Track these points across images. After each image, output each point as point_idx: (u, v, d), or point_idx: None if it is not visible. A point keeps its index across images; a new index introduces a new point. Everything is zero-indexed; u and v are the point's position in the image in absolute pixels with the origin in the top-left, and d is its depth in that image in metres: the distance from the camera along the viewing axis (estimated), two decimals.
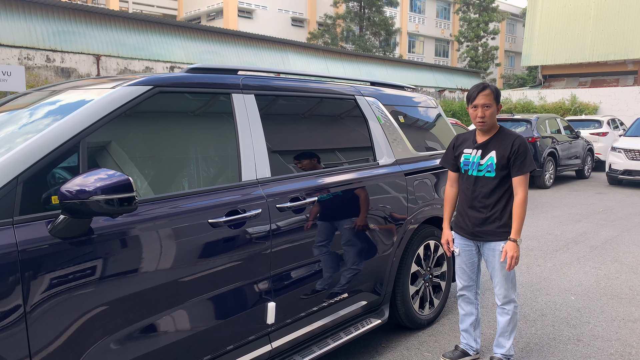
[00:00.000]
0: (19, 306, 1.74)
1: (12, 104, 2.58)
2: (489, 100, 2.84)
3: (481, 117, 2.87)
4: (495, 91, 2.88)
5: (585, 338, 3.63)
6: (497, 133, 2.96)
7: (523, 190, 2.88)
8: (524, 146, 2.88)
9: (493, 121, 2.91)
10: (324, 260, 2.89)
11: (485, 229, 2.96)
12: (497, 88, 2.90)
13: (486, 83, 2.92)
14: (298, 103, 3.07)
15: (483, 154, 2.94)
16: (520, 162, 2.86)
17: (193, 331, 2.27)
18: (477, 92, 2.87)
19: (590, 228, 7.30)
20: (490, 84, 2.91)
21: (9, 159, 1.84)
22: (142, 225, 2.09)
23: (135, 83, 2.31)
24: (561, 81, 28.73)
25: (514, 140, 2.89)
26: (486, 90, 2.86)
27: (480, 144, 2.97)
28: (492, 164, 2.90)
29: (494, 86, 2.89)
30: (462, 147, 3.05)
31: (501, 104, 2.93)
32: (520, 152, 2.86)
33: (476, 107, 2.87)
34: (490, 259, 3.00)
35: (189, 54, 18.13)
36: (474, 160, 2.96)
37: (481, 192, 2.96)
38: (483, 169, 2.93)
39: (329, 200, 2.93)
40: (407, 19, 43.29)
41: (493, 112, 2.87)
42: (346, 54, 25.06)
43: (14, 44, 14.02)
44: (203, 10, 36.74)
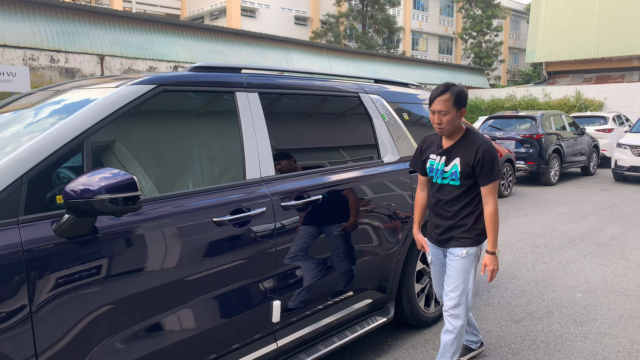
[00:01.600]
0: (25, 306, 1.74)
1: (17, 104, 2.58)
2: (445, 107, 2.61)
3: (437, 124, 2.67)
4: (456, 95, 2.62)
5: (593, 335, 3.61)
6: (462, 137, 2.73)
7: (493, 200, 2.69)
8: (489, 153, 2.66)
9: (453, 127, 2.68)
10: (328, 259, 2.89)
11: (449, 235, 2.81)
12: (460, 90, 2.65)
13: (447, 85, 2.66)
14: (302, 101, 3.06)
15: (447, 160, 2.75)
16: (486, 172, 2.66)
17: (198, 330, 2.27)
18: (434, 96, 2.65)
19: (596, 225, 7.26)
20: (453, 86, 2.65)
21: (14, 158, 1.84)
22: (146, 224, 2.09)
23: (139, 82, 2.31)
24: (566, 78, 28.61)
25: (478, 147, 2.67)
26: (444, 95, 2.62)
27: (445, 149, 2.77)
28: (456, 172, 2.71)
29: (457, 88, 2.65)
30: (429, 151, 2.86)
31: (465, 109, 2.69)
32: (486, 161, 2.65)
33: (433, 113, 2.67)
34: (448, 266, 2.82)
35: (192, 54, 18.15)
36: (438, 167, 2.78)
37: (445, 199, 2.79)
38: (447, 177, 2.75)
39: (333, 198, 2.92)
40: (410, 17, 43.16)
41: (452, 118, 2.64)
42: (349, 52, 25.04)
43: (19, 44, 14.08)
44: (206, 10, 36.75)
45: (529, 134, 11.23)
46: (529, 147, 11.18)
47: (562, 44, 27.90)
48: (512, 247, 6.08)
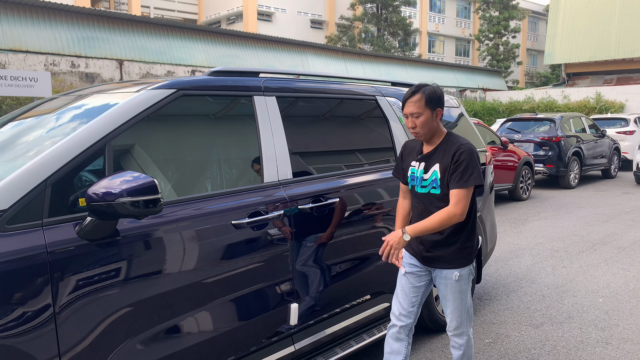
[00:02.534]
0: (49, 306, 1.77)
1: (40, 108, 2.64)
2: (417, 109, 2.39)
3: (412, 128, 2.44)
4: (428, 95, 2.40)
5: (614, 341, 3.55)
6: (442, 141, 2.48)
7: (454, 204, 2.34)
8: (467, 155, 2.37)
9: (429, 130, 2.43)
10: (345, 262, 2.89)
11: (437, 254, 2.49)
12: (433, 90, 2.43)
13: (419, 86, 2.45)
14: (319, 104, 3.07)
15: (426, 167, 2.49)
16: (458, 173, 2.36)
17: (216, 332, 2.28)
18: (405, 99, 2.44)
19: (618, 229, 7.13)
20: (424, 86, 2.44)
21: (38, 162, 1.88)
22: (166, 226, 2.11)
23: (159, 87, 2.34)
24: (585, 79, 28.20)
25: (457, 148, 2.40)
26: (415, 95, 2.41)
27: (424, 155, 2.51)
28: (436, 179, 2.44)
29: (429, 88, 2.44)
30: (409, 158, 2.60)
31: (440, 109, 2.44)
32: (460, 162, 2.36)
33: (407, 117, 2.45)
34: (442, 288, 2.54)
35: (209, 58, 18.32)
36: (418, 174, 2.52)
37: (429, 211, 2.47)
38: (427, 185, 2.48)
39: (350, 201, 2.92)
40: (426, 19, 43.01)
41: (426, 120, 2.40)
42: (365, 55, 25.02)
43: (40, 50, 14.36)
44: (223, 14, 37.09)
45: (548, 136, 11.09)
46: (548, 149, 11.04)
47: (582, 45, 27.51)
48: (531, 250, 6.01)
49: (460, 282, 2.50)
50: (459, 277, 2.49)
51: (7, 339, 1.68)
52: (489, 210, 4.19)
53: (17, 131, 2.38)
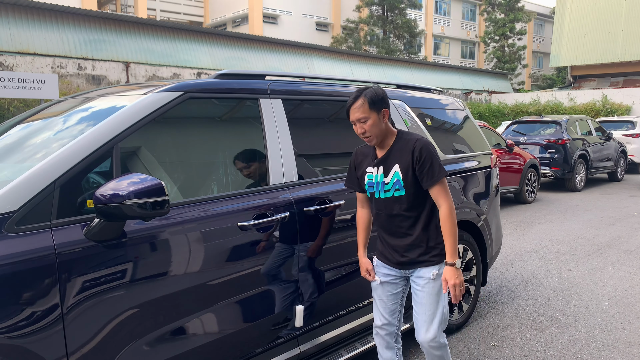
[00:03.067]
0: (57, 307, 1.79)
1: (48, 111, 2.66)
2: (362, 113, 2.32)
3: (362, 134, 2.37)
4: (370, 97, 2.33)
5: (621, 345, 3.53)
6: (395, 141, 2.43)
7: (445, 201, 2.35)
8: (426, 149, 2.35)
9: (379, 132, 2.37)
10: (350, 264, 2.89)
11: (411, 257, 2.43)
12: (374, 92, 2.36)
13: (359, 91, 2.38)
14: (324, 107, 3.08)
15: (385, 170, 2.42)
16: (427, 170, 2.34)
17: (222, 334, 2.29)
18: (348, 106, 2.38)
19: (624, 232, 7.10)
20: (365, 90, 2.37)
21: (47, 164, 1.90)
22: (173, 228, 2.12)
23: (166, 89, 2.36)
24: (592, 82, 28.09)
25: (414, 145, 2.36)
26: (357, 101, 2.34)
27: (380, 159, 2.44)
28: (399, 180, 2.38)
29: (370, 91, 2.36)
30: (364, 165, 2.52)
31: (386, 109, 2.38)
32: (424, 158, 2.33)
33: (354, 124, 2.38)
34: (417, 290, 2.43)
35: (215, 60, 18.39)
36: (378, 180, 2.44)
37: (395, 214, 2.43)
38: (390, 188, 2.41)
39: (355, 203, 2.92)
40: (432, 21, 42.99)
41: (374, 122, 2.34)
42: (371, 57, 25.04)
43: (48, 52, 14.47)
44: (229, 17, 37.22)
45: (553, 139, 11.06)
46: (554, 152, 11.00)
47: (588, 47, 27.42)
48: (536, 253, 5.99)
49: (437, 282, 2.42)
50: (437, 275, 2.41)
51: (15, 339, 1.69)
52: (494, 213, 4.18)
53: (25, 133, 2.41)
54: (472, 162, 3.95)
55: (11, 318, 1.69)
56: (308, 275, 2.65)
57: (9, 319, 1.68)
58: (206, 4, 39.41)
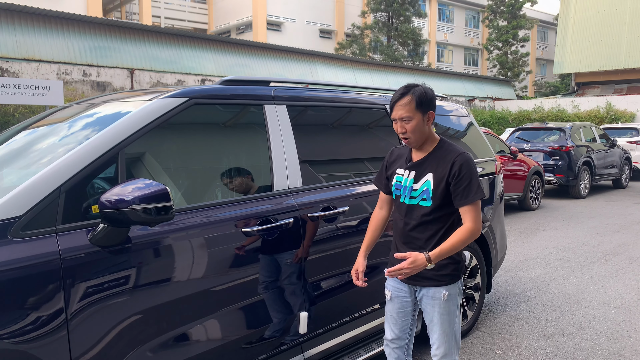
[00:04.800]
0: (61, 312, 1.79)
1: (53, 117, 2.67)
2: (407, 112, 2.18)
3: (402, 133, 2.24)
4: (418, 97, 2.19)
5: (627, 353, 3.50)
6: (435, 149, 2.28)
7: (472, 222, 2.19)
8: (467, 167, 2.20)
9: (420, 135, 2.23)
10: None
11: (423, 273, 2.27)
12: (424, 91, 2.22)
13: (408, 87, 2.24)
14: (329, 113, 3.08)
15: (417, 176, 2.28)
16: (462, 189, 2.19)
17: (226, 340, 2.28)
18: (393, 102, 2.23)
19: (630, 239, 7.06)
20: (414, 87, 2.22)
21: (52, 169, 1.91)
22: (177, 234, 2.13)
23: (171, 95, 2.37)
24: (596, 89, 28.07)
25: (454, 158, 2.21)
26: (404, 98, 2.20)
27: (415, 163, 2.30)
28: (428, 190, 2.24)
29: (419, 89, 2.22)
30: (396, 165, 2.40)
31: (432, 112, 2.24)
32: (463, 175, 2.19)
33: (395, 121, 2.24)
34: (428, 309, 2.32)
35: (219, 67, 18.46)
36: (407, 184, 2.30)
37: (415, 224, 2.29)
38: (417, 196, 2.27)
39: (359, 209, 2.92)
40: (435, 29, 43.10)
41: (417, 125, 2.20)
42: (374, 64, 25.09)
43: (53, 59, 14.56)
44: (233, 24, 37.41)
45: (557, 145, 11.04)
46: (558, 159, 10.98)
47: (592, 54, 27.41)
48: (541, 261, 5.96)
49: (448, 303, 2.30)
50: (448, 296, 2.29)
51: (20, 343, 1.69)
52: (498, 220, 4.17)
53: (31, 139, 2.42)
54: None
55: (16, 323, 1.69)
56: (312, 281, 2.64)
57: (13, 323, 1.68)
58: (210, 11, 39.65)
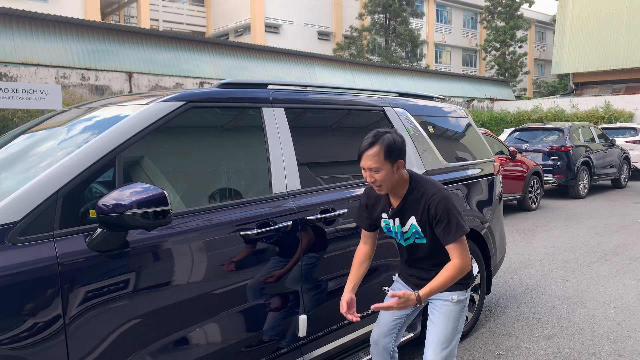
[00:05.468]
0: (59, 317, 1.78)
1: (52, 121, 2.67)
2: (376, 163, 2.15)
3: (372, 183, 2.22)
4: (386, 147, 2.15)
5: (627, 353, 3.49)
6: (409, 191, 2.28)
7: (459, 258, 2.18)
8: (441, 206, 2.19)
9: (391, 183, 2.23)
10: None
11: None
12: (392, 140, 2.17)
13: (377, 136, 2.18)
14: (327, 115, 3.08)
15: (402, 221, 2.33)
16: (442, 229, 2.19)
17: (225, 344, 2.28)
18: (361, 151, 2.20)
19: (629, 239, 7.06)
20: (382, 136, 2.18)
21: (49, 174, 1.90)
22: (175, 238, 2.12)
23: (169, 99, 2.36)
24: (594, 88, 28.11)
25: (428, 201, 2.22)
26: (372, 148, 2.16)
27: (395, 209, 2.33)
28: (417, 231, 2.29)
29: (387, 139, 2.17)
30: (378, 209, 2.42)
31: (402, 160, 2.20)
32: (440, 216, 2.19)
33: (364, 170, 2.22)
34: (433, 310, 2.34)
35: (218, 70, 18.47)
36: (396, 229, 2.36)
37: (419, 257, 2.38)
38: (410, 237, 2.34)
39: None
40: (433, 30, 43.15)
41: (386, 174, 2.18)
42: (372, 66, 25.11)
43: (51, 63, 14.56)
44: (231, 27, 37.43)
45: (556, 146, 11.05)
46: (557, 159, 10.99)
47: (590, 54, 27.46)
48: (541, 261, 5.96)
49: (456, 306, 2.31)
50: (457, 299, 2.31)
51: (18, 349, 1.69)
52: (497, 221, 4.17)
53: (28, 143, 2.41)
54: (475, 170, 3.95)
55: (13, 329, 1.68)
56: (311, 284, 2.64)
57: (11, 329, 1.67)
58: (208, 14, 39.68)
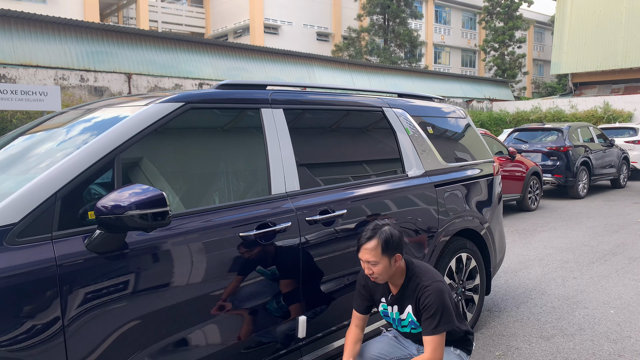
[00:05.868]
0: (58, 319, 1.78)
1: (50, 122, 2.67)
2: (373, 257, 2.26)
3: (370, 274, 2.33)
4: (384, 242, 2.26)
5: (627, 353, 3.49)
6: (405, 281, 2.37)
7: (430, 352, 2.22)
8: (432, 298, 2.25)
9: (389, 275, 2.33)
10: (353, 274, 2.87)
11: None
12: (390, 235, 2.27)
13: (375, 230, 2.30)
14: (326, 116, 3.08)
15: (400, 309, 2.43)
16: (427, 319, 2.26)
17: (224, 345, 2.27)
18: (360, 244, 2.31)
19: (629, 239, 7.06)
20: (380, 230, 2.28)
21: (48, 175, 1.90)
22: (174, 239, 2.12)
23: (168, 100, 2.36)
24: (593, 89, 28.13)
25: (420, 292, 2.31)
26: (370, 242, 2.27)
27: (394, 297, 2.43)
28: (414, 321, 2.39)
29: (385, 233, 2.27)
30: (377, 293, 2.52)
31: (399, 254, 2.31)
32: (428, 306, 2.26)
33: (362, 262, 2.33)
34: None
35: (217, 71, 18.47)
36: (394, 316, 2.45)
37: (415, 340, 2.50)
38: (407, 325, 2.43)
39: (357, 212, 2.91)
40: (432, 30, 43.17)
41: (384, 268, 2.28)
42: (372, 67, 25.11)
43: (50, 65, 14.55)
44: (230, 28, 37.42)
45: (555, 146, 11.05)
46: (556, 159, 10.99)
47: (589, 54, 27.48)
48: (540, 261, 5.96)
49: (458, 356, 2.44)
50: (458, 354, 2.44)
51: (17, 351, 1.68)
52: (497, 221, 4.17)
53: (27, 145, 2.41)
54: (475, 170, 3.95)
55: (12, 331, 1.67)
56: (311, 285, 2.63)
57: (9, 331, 1.67)
58: (207, 15, 39.68)
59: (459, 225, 3.61)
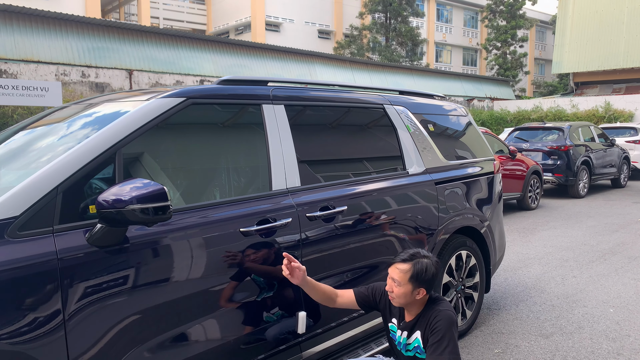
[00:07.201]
0: (59, 312, 1.78)
1: (52, 117, 2.67)
2: (400, 279, 2.28)
3: (390, 291, 2.35)
4: (417, 272, 2.27)
5: (626, 352, 3.50)
6: (423, 311, 2.38)
7: None
8: (443, 324, 2.24)
9: (405, 301, 2.33)
10: (353, 270, 2.88)
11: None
12: (425, 268, 2.28)
13: (414, 255, 2.33)
14: (327, 113, 3.08)
15: (409, 334, 2.42)
16: (435, 344, 2.22)
17: (224, 340, 2.28)
18: (394, 260, 2.36)
19: (628, 238, 7.06)
20: (419, 259, 2.31)
21: (50, 169, 1.90)
22: (175, 234, 2.12)
23: (169, 95, 2.36)
24: (594, 88, 28.11)
25: (432, 315, 2.30)
26: (404, 264, 2.30)
27: (406, 324, 2.42)
28: (419, 346, 2.37)
29: (421, 265, 2.29)
30: (387, 311, 2.52)
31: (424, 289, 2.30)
32: (437, 330, 2.24)
33: (388, 276, 2.36)
34: None
35: (218, 68, 18.46)
36: (401, 340, 2.45)
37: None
38: (412, 350, 2.41)
39: (357, 209, 2.92)
40: (434, 29, 43.12)
41: (405, 292, 2.29)
42: (373, 65, 25.10)
43: (52, 60, 14.55)
44: (231, 25, 37.39)
45: (556, 145, 11.05)
46: (557, 158, 10.99)
47: (590, 54, 27.45)
48: (540, 260, 5.96)
49: None
50: None
51: (17, 344, 1.69)
52: (497, 219, 4.17)
53: (28, 139, 2.41)
54: (475, 168, 3.95)
55: (13, 324, 1.68)
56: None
57: (10, 324, 1.68)
58: (209, 12, 39.64)
59: (459, 223, 3.61)
